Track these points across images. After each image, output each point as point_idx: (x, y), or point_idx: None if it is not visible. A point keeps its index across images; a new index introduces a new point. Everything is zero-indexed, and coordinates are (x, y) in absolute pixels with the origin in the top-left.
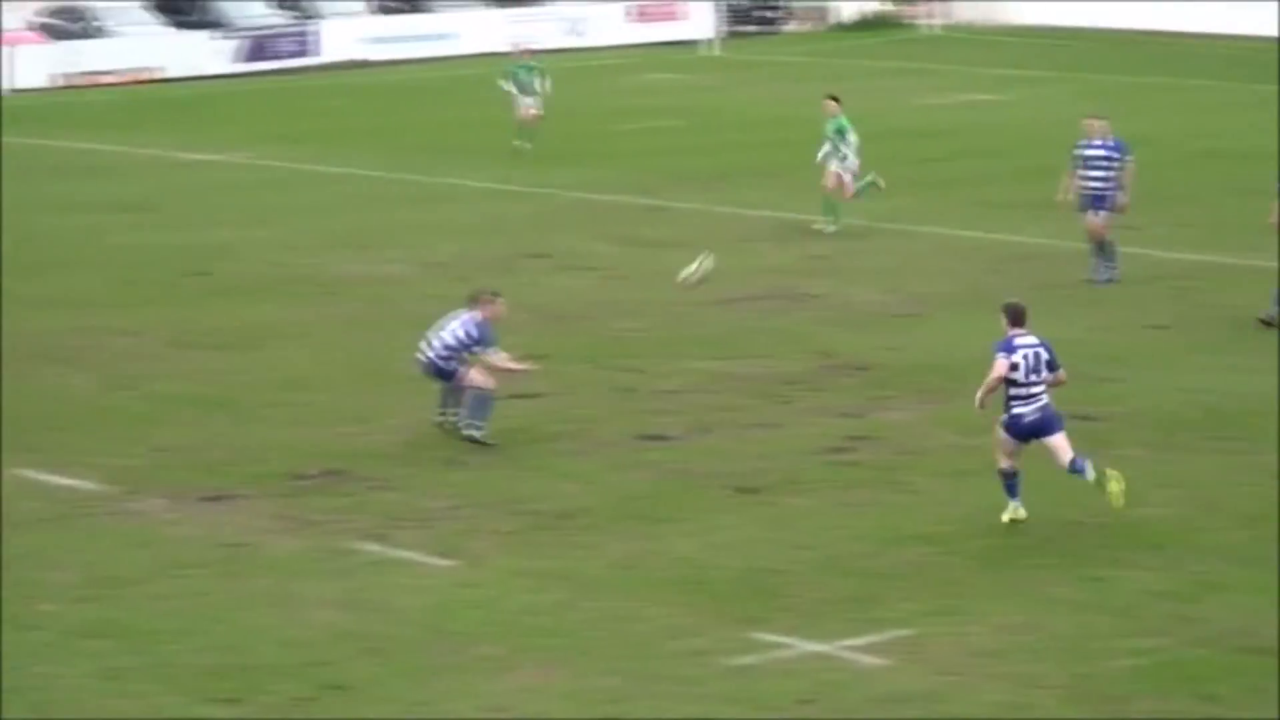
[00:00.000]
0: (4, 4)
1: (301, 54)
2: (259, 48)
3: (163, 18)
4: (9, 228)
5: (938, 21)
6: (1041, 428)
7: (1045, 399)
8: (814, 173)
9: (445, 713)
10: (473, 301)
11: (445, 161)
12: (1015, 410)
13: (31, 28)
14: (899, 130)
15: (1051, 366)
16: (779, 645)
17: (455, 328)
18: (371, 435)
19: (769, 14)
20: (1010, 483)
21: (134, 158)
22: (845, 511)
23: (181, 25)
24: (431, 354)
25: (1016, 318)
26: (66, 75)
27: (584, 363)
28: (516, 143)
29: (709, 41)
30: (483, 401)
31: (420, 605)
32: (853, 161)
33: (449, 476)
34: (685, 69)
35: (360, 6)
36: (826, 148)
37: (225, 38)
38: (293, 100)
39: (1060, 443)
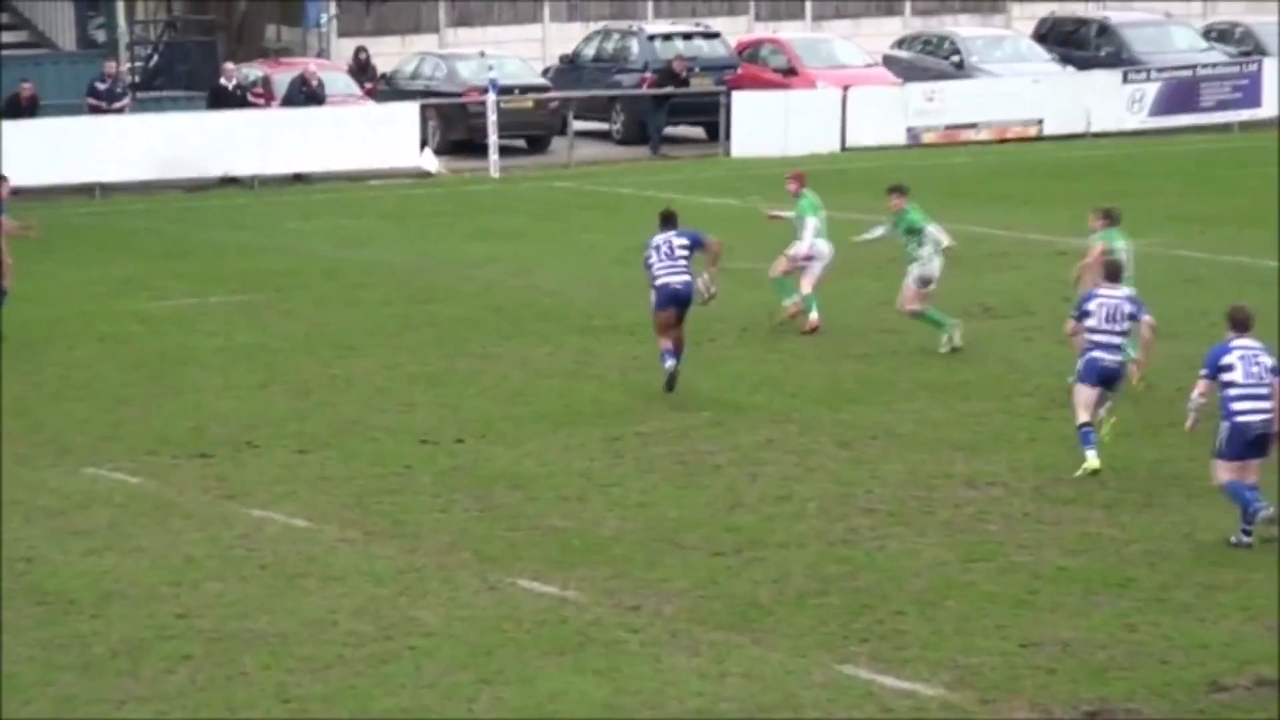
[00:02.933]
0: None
1: (1237, 104)
2: (1180, 94)
3: (1049, 52)
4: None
5: None
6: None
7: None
8: None
9: None
10: None
11: None
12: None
13: (872, 65)
14: None
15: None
16: None
17: None
18: None
19: None
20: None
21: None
22: None
23: (1074, 63)
24: None
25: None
26: (911, 130)
27: None
28: None
29: None
30: None
31: None
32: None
33: None
34: None
35: None
36: None
37: (1132, 81)
38: (1215, 167)
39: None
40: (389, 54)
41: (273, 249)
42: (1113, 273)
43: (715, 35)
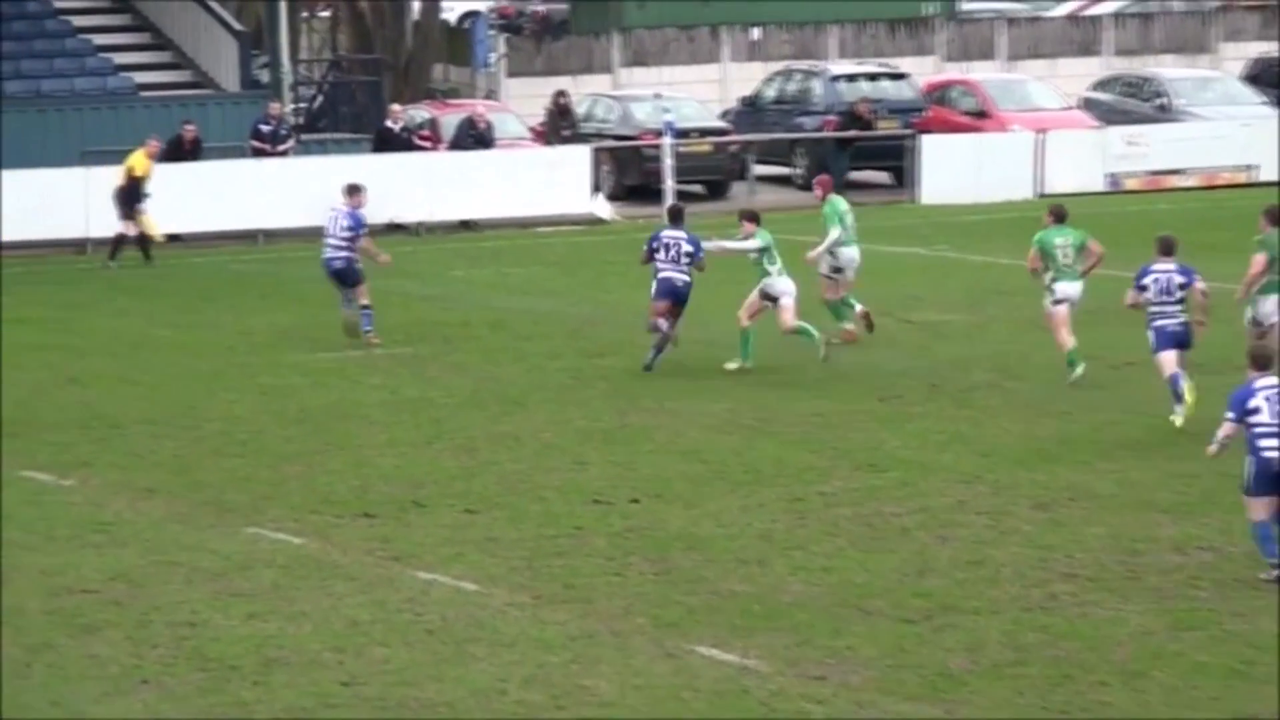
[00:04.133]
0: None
1: None
2: None
3: (1260, 94)
4: None
5: None
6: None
7: None
8: None
9: None
10: None
11: None
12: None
13: (1069, 107)
14: None
15: None
16: None
17: None
18: None
19: None
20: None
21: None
22: None
23: None
24: None
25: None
26: (1111, 175)
27: None
28: None
29: None
30: None
31: None
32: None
33: None
34: None
35: None
36: None
37: None
38: None
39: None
40: None
41: (439, 298)
42: (1166, 248)
43: (902, 76)
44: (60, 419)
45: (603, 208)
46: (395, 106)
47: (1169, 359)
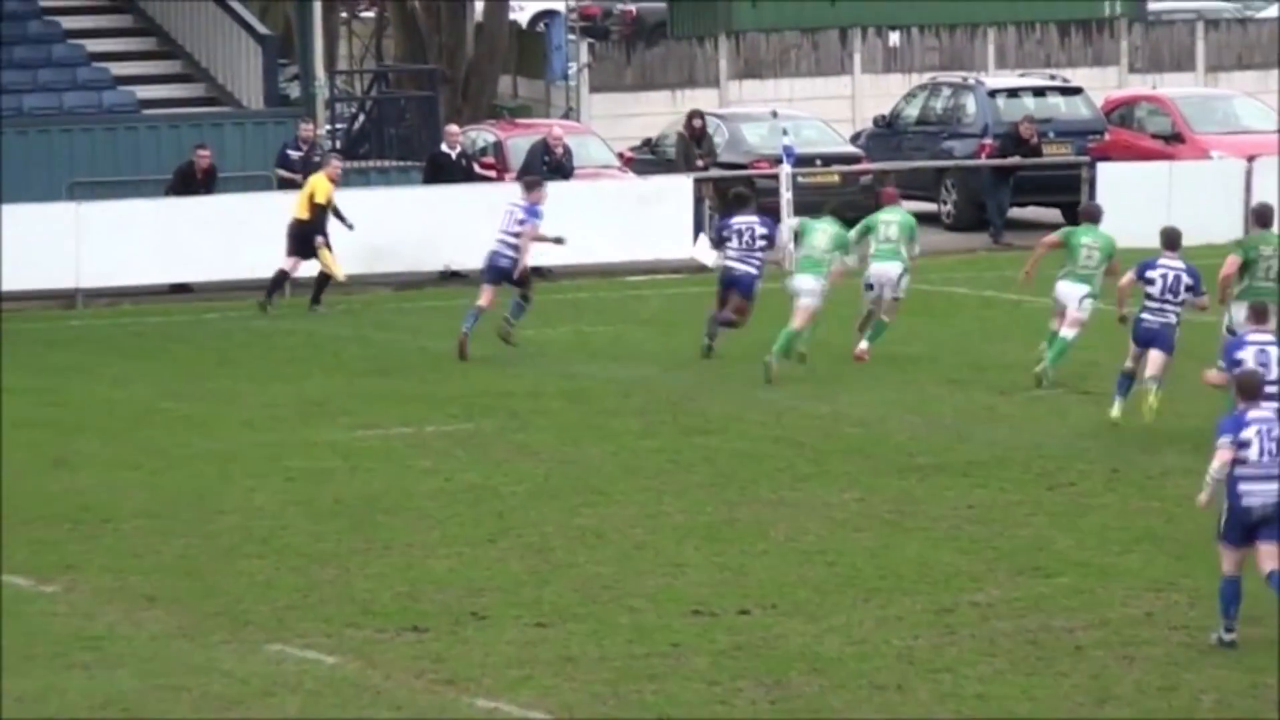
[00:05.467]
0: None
1: None
2: None
3: None
4: None
5: None
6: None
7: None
8: None
9: None
10: None
11: None
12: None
13: None
14: None
15: None
16: None
17: None
18: None
19: None
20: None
21: None
22: None
23: None
24: None
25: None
26: None
27: None
28: None
29: None
30: None
31: None
32: None
33: None
34: None
35: None
36: None
37: None
38: None
39: None
40: (656, 114)
41: (504, 363)
42: (1170, 242)
43: (1076, 91)
44: (43, 511)
45: (706, 253)
46: (453, 128)
47: (1137, 352)
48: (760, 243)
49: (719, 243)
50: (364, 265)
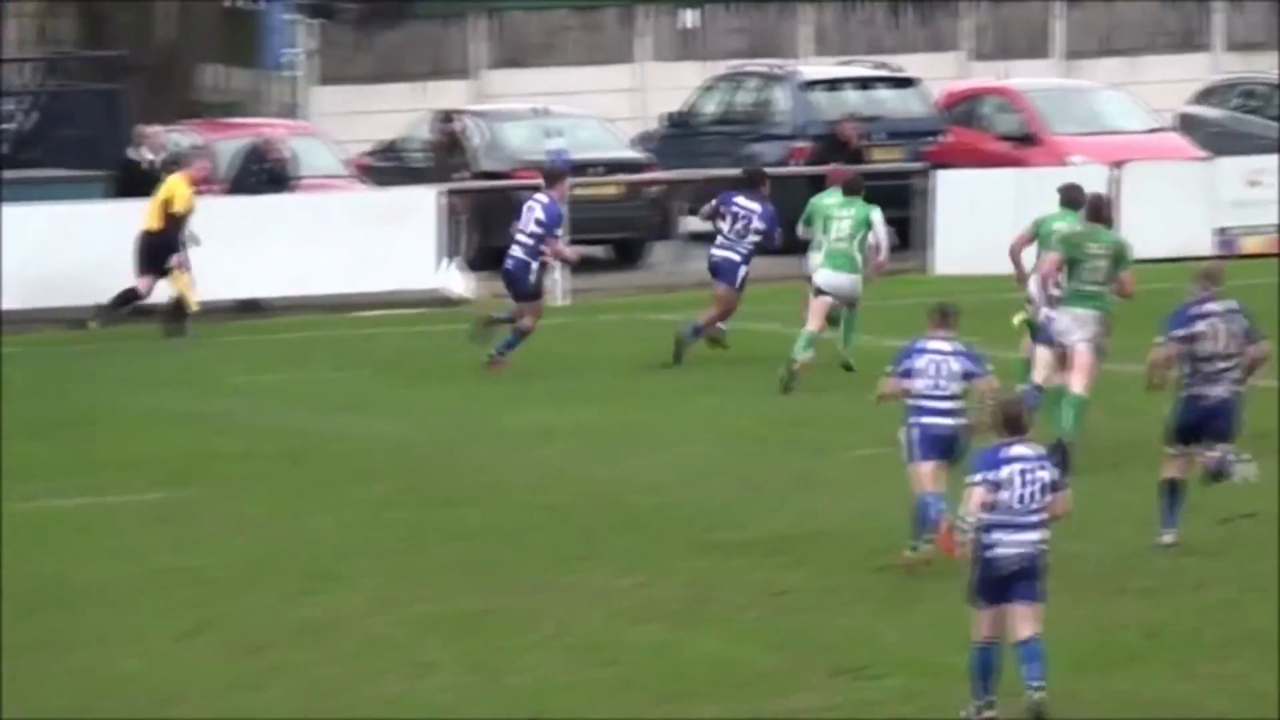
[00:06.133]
0: None
1: None
2: None
3: None
4: None
5: None
6: None
7: None
8: None
9: None
10: None
11: None
12: None
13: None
14: None
15: None
16: None
17: None
18: None
19: None
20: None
21: None
22: None
23: None
24: None
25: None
26: (1223, 232)
27: None
28: None
29: None
30: None
31: None
32: None
33: None
34: None
35: None
36: None
37: None
38: None
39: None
40: (397, 111)
41: (210, 419)
42: (943, 319)
43: (910, 82)
44: None
45: (456, 281)
46: (145, 128)
47: (925, 472)
48: (753, 236)
49: (712, 216)
50: (25, 300)
